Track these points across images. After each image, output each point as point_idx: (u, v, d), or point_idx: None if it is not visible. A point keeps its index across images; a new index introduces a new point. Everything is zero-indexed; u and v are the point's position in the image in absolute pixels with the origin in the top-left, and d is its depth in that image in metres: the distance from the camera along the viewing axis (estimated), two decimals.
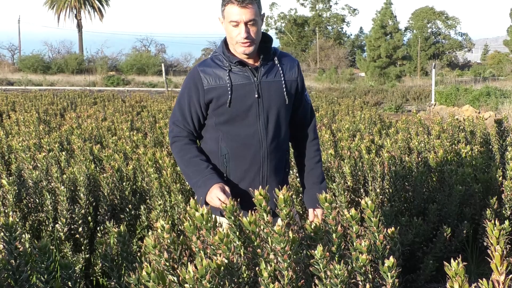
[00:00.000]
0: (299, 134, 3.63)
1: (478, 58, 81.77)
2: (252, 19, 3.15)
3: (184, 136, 3.38)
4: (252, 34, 3.19)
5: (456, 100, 24.40)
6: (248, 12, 3.13)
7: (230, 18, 3.17)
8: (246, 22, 3.15)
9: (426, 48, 62.59)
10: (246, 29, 3.16)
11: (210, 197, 3.15)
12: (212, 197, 3.13)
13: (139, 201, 5.72)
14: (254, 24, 3.18)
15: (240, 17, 3.13)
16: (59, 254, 4.88)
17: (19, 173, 5.86)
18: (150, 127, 10.29)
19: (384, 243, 2.88)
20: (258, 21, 3.21)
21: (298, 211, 5.43)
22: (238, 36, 3.18)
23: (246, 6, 3.12)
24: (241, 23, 3.15)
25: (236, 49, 3.26)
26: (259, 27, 3.23)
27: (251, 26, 3.17)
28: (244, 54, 3.26)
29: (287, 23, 72.88)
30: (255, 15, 3.16)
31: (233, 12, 3.14)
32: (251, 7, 3.13)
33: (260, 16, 3.24)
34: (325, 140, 7.81)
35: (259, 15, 3.21)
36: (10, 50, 68.24)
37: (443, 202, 5.34)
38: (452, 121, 8.91)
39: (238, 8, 3.12)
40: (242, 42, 3.19)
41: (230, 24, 3.19)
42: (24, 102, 15.92)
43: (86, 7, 67.83)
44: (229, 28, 3.21)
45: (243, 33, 3.16)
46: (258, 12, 3.20)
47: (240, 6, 3.12)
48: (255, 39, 3.22)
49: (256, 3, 3.17)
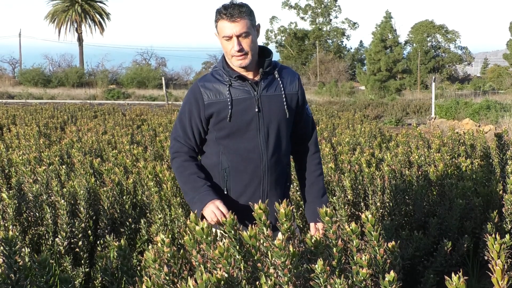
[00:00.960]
0: (300, 147, 3.63)
1: (478, 71, 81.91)
2: (244, 31, 3.18)
3: (185, 152, 3.40)
4: (245, 46, 3.22)
5: (456, 113, 24.41)
6: (238, 25, 3.17)
7: (222, 34, 3.22)
8: (238, 35, 3.19)
9: (426, 61, 62.70)
10: (238, 41, 3.19)
11: (206, 213, 3.15)
12: (207, 213, 3.13)
13: (139, 214, 5.71)
14: (247, 36, 3.21)
15: (232, 31, 3.18)
16: (59, 268, 4.86)
17: (19, 187, 5.85)
18: (151, 141, 10.29)
19: (384, 257, 2.87)
20: (251, 33, 3.23)
21: (298, 224, 5.42)
22: (232, 49, 3.22)
23: (235, 20, 3.16)
24: (233, 37, 3.19)
25: (233, 62, 3.29)
26: (253, 38, 3.25)
27: (243, 38, 3.21)
28: (242, 68, 3.28)
29: (287, 36, 73.07)
30: (246, 27, 3.19)
31: (225, 26, 3.19)
32: (241, 20, 3.17)
33: (254, 27, 3.27)
34: (325, 154, 7.81)
35: (251, 27, 3.23)
36: (11, 64, 68.42)
37: (443, 216, 5.33)
38: (452, 135, 8.92)
39: (229, 23, 3.17)
40: (236, 55, 3.22)
41: (223, 39, 3.23)
42: (24, 116, 15.94)
43: (87, 21, 68.03)
44: (224, 42, 3.25)
45: (235, 46, 3.19)
46: (250, 24, 3.22)
47: (230, 21, 3.17)
48: (249, 50, 3.24)
49: (247, 15, 3.20)
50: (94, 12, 68.01)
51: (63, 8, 66.88)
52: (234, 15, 3.15)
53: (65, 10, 66.76)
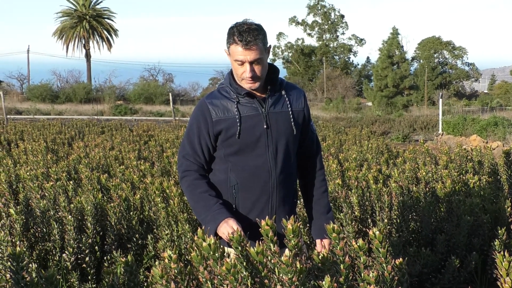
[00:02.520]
0: (305, 163, 3.63)
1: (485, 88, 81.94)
2: (257, 58, 3.16)
3: (195, 170, 3.38)
4: (257, 72, 3.19)
5: (463, 130, 24.37)
6: (252, 53, 3.13)
7: (235, 57, 3.18)
8: (251, 62, 3.16)
9: (433, 77, 62.76)
10: (251, 68, 3.17)
11: (220, 231, 3.14)
12: (222, 231, 3.12)
13: (146, 230, 5.71)
14: (260, 62, 3.18)
15: (245, 58, 3.14)
16: (66, 284, 4.86)
17: (27, 202, 5.87)
18: (158, 156, 10.30)
19: (392, 274, 2.86)
20: (264, 58, 3.21)
21: (305, 241, 5.40)
22: (244, 74, 3.20)
23: (250, 47, 3.12)
24: (246, 63, 3.17)
25: (242, 85, 3.28)
26: (264, 62, 3.23)
27: (256, 64, 3.18)
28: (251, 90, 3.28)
29: (294, 53, 73.32)
30: (260, 54, 3.16)
31: (238, 51, 3.15)
32: (256, 47, 3.13)
33: (266, 50, 3.24)
34: (332, 170, 7.80)
35: (264, 52, 3.21)
36: (19, 80, 68.92)
37: (451, 232, 5.31)
38: (459, 151, 8.90)
39: (242, 50, 3.13)
40: (248, 80, 3.21)
41: (235, 62, 3.21)
42: (32, 131, 16.00)
43: (94, 37, 68.51)
44: (235, 64, 3.22)
45: (248, 72, 3.17)
46: (263, 49, 3.19)
47: (244, 48, 3.12)
48: (261, 76, 3.23)
49: (261, 41, 3.17)
50: (102, 29, 68.50)
51: (71, 24, 67.39)
52: (249, 43, 3.11)
53: (73, 27, 67.27)
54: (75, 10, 68.10)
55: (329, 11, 73.39)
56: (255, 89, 3.30)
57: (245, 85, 3.26)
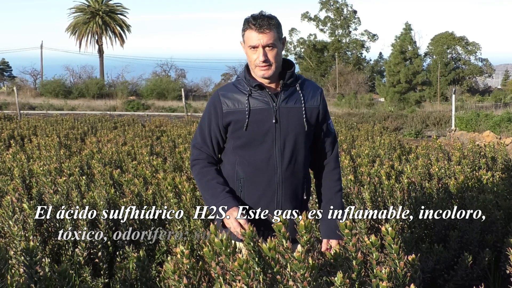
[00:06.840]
0: (320, 162, 3.62)
1: (498, 83, 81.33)
2: (271, 43, 3.21)
3: (203, 159, 3.44)
4: (270, 58, 3.24)
5: (476, 125, 24.22)
6: (266, 37, 3.20)
7: (249, 43, 3.25)
8: (264, 46, 3.21)
9: (446, 73, 62.38)
10: (264, 52, 3.22)
11: (228, 222, 3.16)
12: (230, 222, 3.14)
13: (159, 225, 5.72)
14: (273, 48, 3.24)
15: (258, 41, 3.21)
16: (79, 278, 4.88)
17: (40, 197, 5.90)
18: (170, 152, 10.32)
19: (404, 270, 2.85)
20: (277, 45, 3.26)
21: (318, 237, 5.39)
22: (257, 59, 3.24)
23: (264, 31, 3.19)
24: (259, 47, 3.22)
25: (256, 73, 3.31)
26: (278, 50, 3.28)
27: (270, 50, 3.23)
28: (264, 78, 3.29)
29: (306, 48, 73.12)
30: (273, 39, 3.22)
31: (252, 36, 3.22)
32: (269, 31, 3.20)
33: (280, 40, 3.29)
34: (344, 166, 7.78)
35: (278, 39, 3.26)
36: (33, 75, 69.19)
37: (464, 229, 5.28)
38: (472, 147, 8.85)
39: (256, 33, 3.20)
40: (261, 65, 3.24)
41: (249, 48, 3.26)
42: (45, 127, 16.08)
43: (107, 33, 68.62)
44: (249, 52, 3.28)
45: (261, 56, 3.22)
46: (277, 37, 3.25)
47: (258, 31, 3.20)
48: (274, 62, 3.26)
49: (275, 28, 3.24)
50: (115, 24, 68.62)
51: (84, 20, 67.56)
52: (263, 26, 3.18)
53: (86, 22, 67.44)
54: (88, 6, 68.24)
55: (342, 7, 73.13)
56: (268, 82, 3.31)
57: (258, 73, 3.28)
